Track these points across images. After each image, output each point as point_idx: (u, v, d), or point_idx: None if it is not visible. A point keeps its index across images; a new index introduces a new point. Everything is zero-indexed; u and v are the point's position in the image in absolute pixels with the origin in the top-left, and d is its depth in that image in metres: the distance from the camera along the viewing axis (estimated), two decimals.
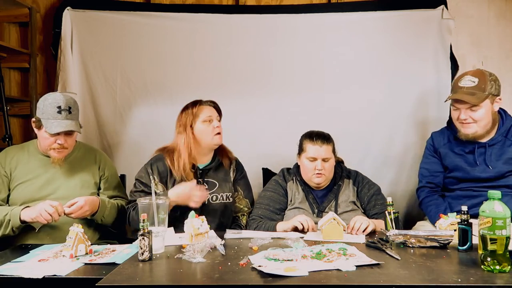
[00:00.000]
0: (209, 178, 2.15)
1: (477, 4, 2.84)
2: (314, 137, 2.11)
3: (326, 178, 2.12)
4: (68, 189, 1.99)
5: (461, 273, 1.30)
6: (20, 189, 1.96)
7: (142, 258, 1.45)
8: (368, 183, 2.19)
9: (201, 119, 2.10)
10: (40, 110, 1.93)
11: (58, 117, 1.91)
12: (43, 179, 1.98)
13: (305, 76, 2.81)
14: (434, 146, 2.28)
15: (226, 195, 2.15)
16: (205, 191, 2.02)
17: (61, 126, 1.90)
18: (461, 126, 2.11)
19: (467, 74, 2.11)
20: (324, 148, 2.08)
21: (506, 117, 2.15)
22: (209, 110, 2.13)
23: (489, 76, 2.06)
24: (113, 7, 2.83)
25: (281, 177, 2.22)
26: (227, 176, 2.19)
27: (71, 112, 1.94)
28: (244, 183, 2.26)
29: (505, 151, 2.08)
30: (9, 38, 2.95)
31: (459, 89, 2.08)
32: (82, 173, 2.06)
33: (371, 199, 2.13)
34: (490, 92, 2.04)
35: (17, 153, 2.03)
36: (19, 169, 1.98)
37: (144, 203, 1.67)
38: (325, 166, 2.08)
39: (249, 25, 2.83)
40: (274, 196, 2.16)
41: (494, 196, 1.36)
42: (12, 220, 1.83)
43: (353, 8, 2.83)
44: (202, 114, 2.11)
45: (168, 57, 2.83)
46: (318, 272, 1.30)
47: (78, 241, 1.58)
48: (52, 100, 1.93)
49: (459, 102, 2.07)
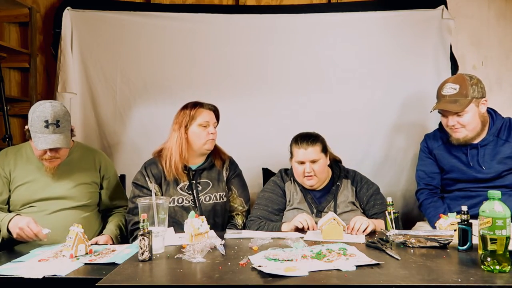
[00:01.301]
0: (202, 178, 2.15)
1: (477, 4, 2.84)
2: (299, 140, 2.10)
3: (319, 180, 2.11)
4: (66, 191, 1.98)
5: (461, 273, 1.30)
6: (19, 192, 1.95)
7: (142, 258, 1.45)
8: (367, 182, 2.18)
9: (198, 123, 2.09)
10: (29, 121, 1.88)
11: (45, 131, 1.84)
12: (42, 181, 1.97)
13: (305, 76, 2.81)
14: (429, 147, 2.28)
15: (219, 195, 2.15)
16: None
17: (46, 143, 1.84)
18: (451, 131, 2.12)
19: (448, 81, 2.12)
20: (310, 150, 2.06)
21: (496, 116, 2.15)
22: (208, 115, 2.12)
23: (469, 81, 2.06)
24: (113, 7, 2.83)
25: (279, 178, 2.22)
26: (220, 176, 2.19)
27: (59, 126, 1.87)
28: (238, 181, 2.25)
29: (498, 151, 2.08)
30: (9, 38, 2.95)
31: (442, 98, 2.10)
32: (80, 174, 2.04)
33: (370, 199, 2.12)
34: (473, 96, 2.04)
35: (15, 154, 2.01)
36: (18, 171, 1.97)
37: (144, 203, 1.67)
38: (315, 168, 2.07)
39: (249, 25, 2.83)
40: (273, 197, 2.16)
41: (494, 196, 1.36)
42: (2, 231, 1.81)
43: (353, 8, 2.83)
44: (200, 117, 2.10)
45: (168, 57, 2.83)
46: (318, 272, 1.30)
47: (78, 241, 1.58)
48: (39, 113, 1.85)
49: (445, 110, 2.09)
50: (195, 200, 2.10)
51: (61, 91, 2.75)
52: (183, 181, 2.10)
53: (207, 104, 2.15)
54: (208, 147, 2.12)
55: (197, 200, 2.10)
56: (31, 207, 1.94)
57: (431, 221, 2.08)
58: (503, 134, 2.10)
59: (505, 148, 2.07)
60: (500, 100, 2.75)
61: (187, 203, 2.09)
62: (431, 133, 2.33)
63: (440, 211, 2.05)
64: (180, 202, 2.09)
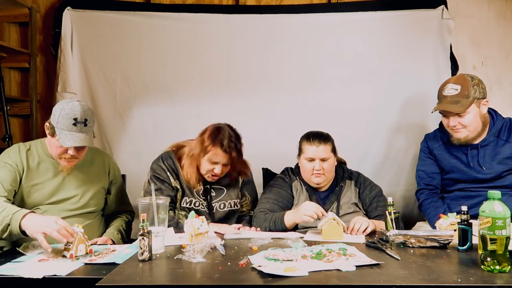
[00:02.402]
0: (216, 185, 2.13)
1: (477, 4, 2.84)
2: (311, 137, 2.11)
3: (326, 178, 2.11)
4: (75, 197, 1.96)
5: (461, 273, 1.29)
6: (30, 194, 1.90)
7: (141, 258, 1.45)
8: (370, 184, 2.18)
9: (207, 158, 2.01)
10: (55, 118, 1.85)
11: (73, 129, 1.83)
12: (53, 184, 1.93)
13: (305, 76, 2.81)
14: (429, 147, 2.28)
15: (234, 202, 2.14)
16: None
17: (74, 140, 1.82)
18: (452, 132, 2.12)
19: (449, 82, 2.12)
20: (321, 148, 2.07)
21: (496, 117, 2.15)
22: (220, 156, 1.99)
23: (471, 81, 2.06)
24: (113, 7, 2.83)
25: (287, 176, 2.22)
26: (235, 182, 2.18)
27: (86, 125, 1.86)
28: (251, 187, 2.25)
29: (498, 151, 2.08)
30: (9, 38, 2.95)
31: (444, 99, 2.09)
32: (91, 179, 2.02)
33: (373, 201, 2.12)
34: (474, 97, 2.04)
35: (26, 153, 1.93)
36: (30, 171, 1.91)
37: (144, 203, 1.67)
38: (324, 166, 2.08)
39: (249, 25, 2.83)
40: (282, 192, 2.15)
41: (494, 196, 1.36)
42: (12, 225, 1.64)
43: (353, 8, 2.83)
44: (210, 155, 1.99)
45: (168, 57, 2.83)
46: (318, 272, 1.30)
47: (78, 241, 1.58)
48: (69, 111, 1.83)
49: (446, 111, 2.09)
50: (210, 207, 2.09)
51: (61, 91, 2.75)
52: (198, 185, 2.08)
53: (227, 143, 1.98)
54: (207, 179, 2.08)
55: (211, 207, 2.09)
56: (37, 209, 1.90)
57: (431, 221, 2.08)
58: (503, 134, 2.10)
59: (505, 149, 2.07)
60: (500, 100, 2.75)
61: (202, 208, 2.08)
62: (431, 133, 2.33)
63: (440, 211, 2.05)
64: (196, 206, 2.07)
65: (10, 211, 1.67)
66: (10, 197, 1.83)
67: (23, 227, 1.62)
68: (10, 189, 1.84)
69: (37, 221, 1.61)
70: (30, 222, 1.61)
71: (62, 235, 1.55)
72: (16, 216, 1.64)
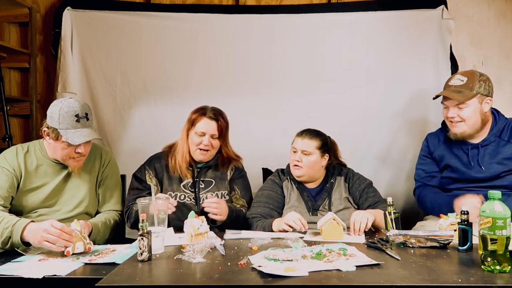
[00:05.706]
0: (205, 177, 2.16)
1: (477, 4, 2.84)
2: (302, 131, 2.17)
3: (306, 173, 2.12)
4: (76, 197, 1.94)
5: (461, 273, 1.30)
6: (28, 197, 1.88)
7: (141, 258, 1.45)
8: (359, 178, 2.19)
9: (195, 130, 2.07)
10: (55, 120, 1.80)
11: (77, 126, 1.81)
12: (51, 187, 1.91)
13: (305, 76, 2.81)
14: (429, 148, 2.28)
15: (221, 193, 2.16)
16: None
17: (83, 136, 1.80)
18: (450, 124, 2.13)
19: (458, 73, 2.15)
20: (305, 141, 2.11)
21: (498, 117, 2.15)
22: (206, 125, 2.05)
23: (479, 76, 2.07)
24: (113, 7, 2.83)
25: (277, 177, 2.23)
26: (223, 175, 2.19)
27: (88, 119, 1.85)
28: (242, 183, 2.25)
29: (499, 151, 2.08)
30: (9, 38, 2.95)
31: (448, 87, 2.12)
32: (90, 177, 2.00)
33: (363, 193, 2.13)
34: (478, 92, 2.04)
35: (25, 155, 1.91)
36: (28, 175, 1.88)
37: (144, 203, 1.67)
38: (303, 159, 2.09)
39: (249, 25, 2.83)
40: (272, 194, 2.16)
41: (495, 196, 1.36)
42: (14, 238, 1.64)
43: (353, 8, 2.83)
44: (198, 125, 2.06)
45: (168, 57, 2.83)
46: (318, 272, 1.30)
47: (75, 238, 1.58)
48: (68, 109, 1.80)
49: (447, 100, 2.09)
50: (196, 198, 2.11)
51: (61, 91, 2.75)
52: (187, 178, 2.12)
53: (211, 111, 2.09)
54: (199, 158, 2.09)
55: (198, 198, 2.11)
56: (34, 213, 1.89)
57: (433, 204, 2.11)
58: (505, 135, 2.10)
59: (506, 149, 2.07)
60: (500, 100, 2.74)
61: (188, 201, 2.11)
62: (433, 132, 2.33)
63: (438, 193, 2.06)
64: (182, 199, 2.10)
65: (9, 222, 1.66)
66: (6, 204, 1.82)
67: (26, 239, 1.63)
68: (7, 196, 1.82)
69: (36, 231, 1.59)
70: (31, 234, 1.62)
71: (64, 240, 1.55)
72: (16, 228, 1.64)
